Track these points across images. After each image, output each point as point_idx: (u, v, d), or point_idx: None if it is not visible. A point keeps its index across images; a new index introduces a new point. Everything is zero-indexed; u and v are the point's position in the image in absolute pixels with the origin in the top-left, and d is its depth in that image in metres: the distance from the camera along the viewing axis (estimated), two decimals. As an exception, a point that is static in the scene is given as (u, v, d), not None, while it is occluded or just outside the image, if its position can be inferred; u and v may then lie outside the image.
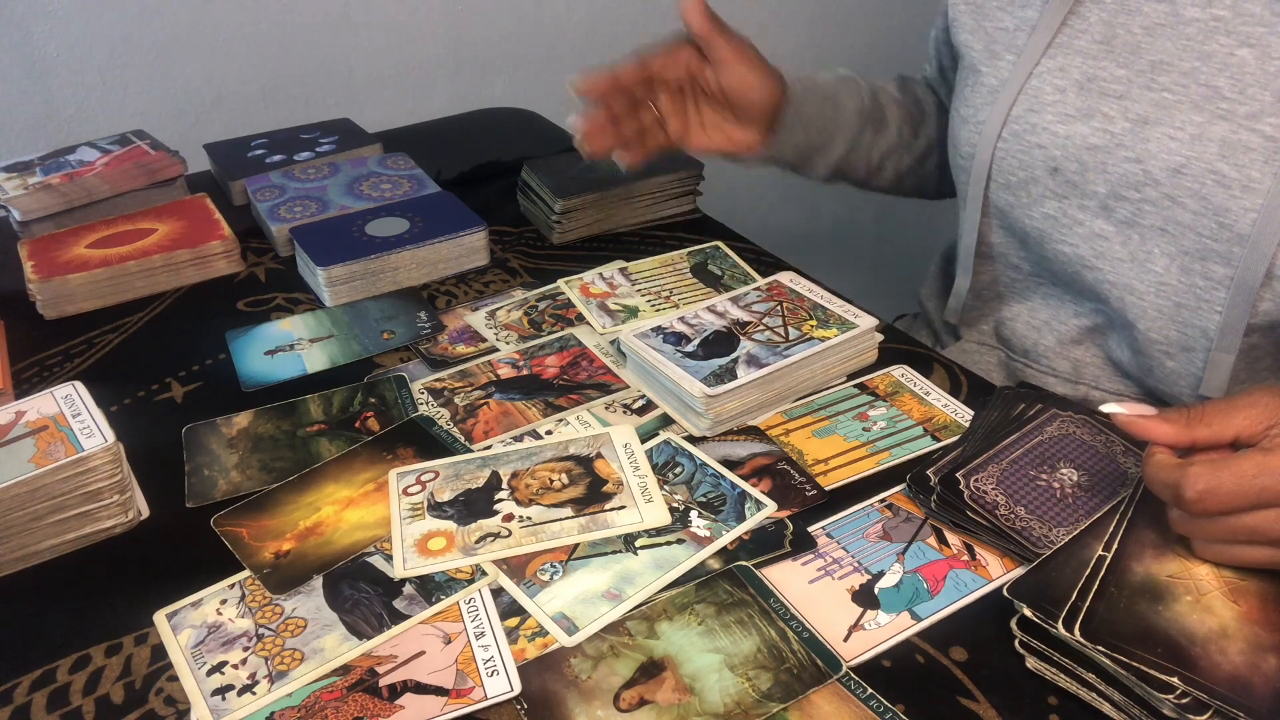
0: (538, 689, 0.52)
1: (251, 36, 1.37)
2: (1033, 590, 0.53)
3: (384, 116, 1.33)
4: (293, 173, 1.05)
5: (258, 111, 1.41)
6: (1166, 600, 0.53)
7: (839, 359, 0.75)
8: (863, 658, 0.54)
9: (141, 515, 0.65)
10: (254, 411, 0.74)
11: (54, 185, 0.96)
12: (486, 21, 1.52)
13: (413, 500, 0.64)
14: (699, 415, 0.69)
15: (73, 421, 0.64)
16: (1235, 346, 0.72)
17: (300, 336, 0.83)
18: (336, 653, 0.55)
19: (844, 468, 0.67)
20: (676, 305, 0.85)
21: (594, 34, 1.60)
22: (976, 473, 0.63)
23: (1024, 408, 0.69)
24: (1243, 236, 0.69)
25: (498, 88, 1.58)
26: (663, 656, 0.54)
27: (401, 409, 0.73)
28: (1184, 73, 0.72)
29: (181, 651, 0.55)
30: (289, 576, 0.59)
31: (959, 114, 0.85)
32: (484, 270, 0.93)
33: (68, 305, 0.87)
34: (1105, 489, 0.62)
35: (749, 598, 0.57)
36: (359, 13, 1.42)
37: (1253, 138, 0.69)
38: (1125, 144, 0.74)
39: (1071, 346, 0.83)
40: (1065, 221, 0.78)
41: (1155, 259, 0.74)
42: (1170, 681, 0.48)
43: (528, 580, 0.59)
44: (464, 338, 0.83)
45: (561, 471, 0.66)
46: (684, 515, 0.63)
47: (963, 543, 0.61)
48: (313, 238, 0.90)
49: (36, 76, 1.27)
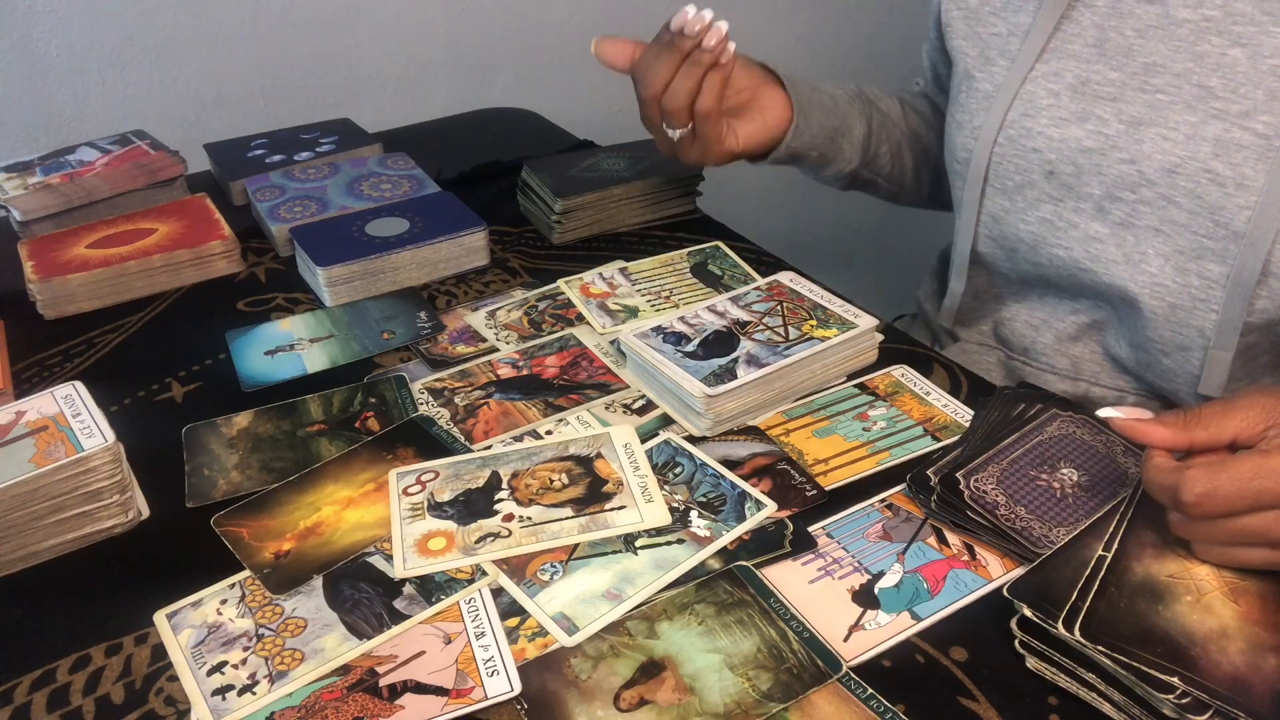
0: (538, 689, 0.52)
1: (251, 36, 1.37)
2: (1033, 590, 0.53)
3: (384, 116, 1.33)
4: (293, 173, 1.05)
5: (258, 111, 1.41)
6: (1166, 600, 0.53)
7: (839, 359, 0.75)
8: (863, 658, 0.54)
9: (141, 515, 0.65)
10: (254, 411, 0.74)
11: (54, 185, 0.96)
12: (486, 21, 1.52)
13: (413, 500, 0.64)
14: (699, 415, 0.69)
15: (73, 421, 0.64)
16: (1233, 345, 0.72)
17: (300, 336, 0.83)
18: (336, 653, 0.55)
19: (844, 468, 0.67)
20: (676, 305, 0.85)
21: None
22: (976, 473, 0.63)
23: (1024, 408, 0.69)
24: (1238, 234, 0.69)
25: (498, 88, 1.58)
26: (663, 656, 0.54)
27: (401, 409, 0.73)
28: (1176, 73, 0.72)
29: (181, 651, 0.55)
30: (289, 576, 0.59)
31: (954, 120, 0.85)
32: (484, 270, 0.93)
33: (68, 305, 0.87)
34: (1105, 489, 0.62)
35: (749, 598, 0.57)
36: (359, 13, 1.42)
37: (1246, 136, 0.69)
38: (1120, 145, 0.74)
39: (1070, 343, 0.83)
40: (1060, 225, 0.78)
41: (1150, 259, 0.74)
42: (1170, 681, 0.48)
43: (528, 580, 0.59)
44: (464, 338, 0.83)
45: (561, 471, 0.66)
46: (684, 515, 0.63)
47: (963, 543, 0.61)
48: (313, 238, 0.90)
49: (36, 76, 1.27)
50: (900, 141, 0.96)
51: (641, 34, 0.81)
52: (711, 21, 0.75)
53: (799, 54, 1.81)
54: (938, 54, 0.94)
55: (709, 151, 0.83)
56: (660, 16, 0.78)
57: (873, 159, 0.94)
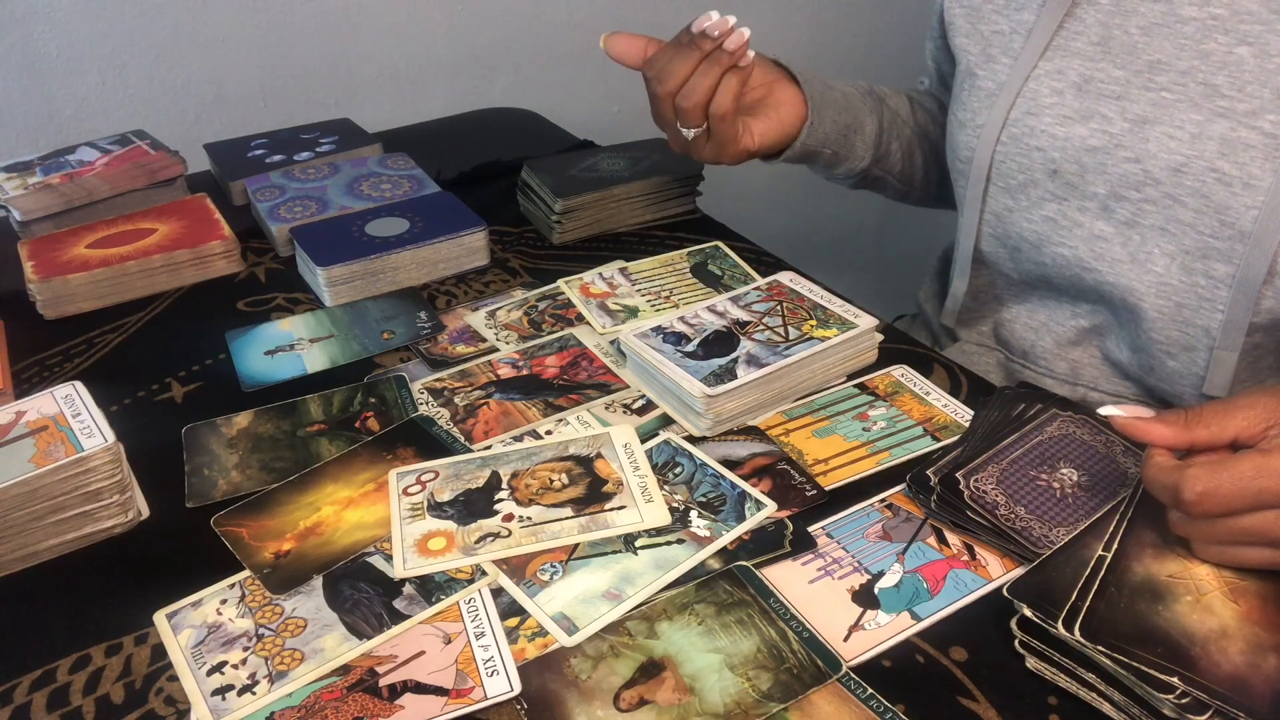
0: (538, 689, 0.52)
1: (251, 36, 1.37)
2: (1033, 590, 0.53)
3: (384, 116, 1.33)
4: (293, 173, 1.05)
5: (258, 111, 1.41)
6: (1166, 600, 0.53)
7: (839, 359, 0.75)
8: (863, 658, 0.54)
9: (141, 515, 0.65)
10: (254, 411, 0.74)
11: (54, 185, 0.96)
12: (486, 21, 1.52)
13: (413, 500, 0.64)
14: (699, 415, 0.69)
15: (73, 421, 0.64)
16: (1238, 345, 0.72)
17: (300, 336, 0.83)
18: (336, 653, 0.55)
19: (844, 468, 0.67)
20: (676, 305, 0.85)
21: (594, 34, 1.59)
22: (976, 473, 0.63)
23: (1024, 408, 0.69)
24: (1244, 234, 0.69)
25: (498, 88, 1.58)
26: (663, 656, 0.54)
27: (401, 409, 0.73)
28: (1182, 72, 0.72)
29: (181, 651, 0.55)
30: (289, 576, 0.59)
31: (956, 118, 0.85)
32: (484, 270, 0.93)
33: (68, 305, 0.87)
34: (1105, 489, 0.62)
35: (749, 598, 0.57)
36: (359, 13, 1.42)
37: (1253, 135, 0.69)
38: (1124, 144, 0.74)
39: (1069, 348, 0.83)
40: (1064, 224, 0.78)
41: (1155, 259, 0.74)
42: (1170, 681, 0.48)
43: (528, 580, 0.59)
44: (464, 338, 0.83)
45: (561, 471, 0.66)
46: (684, 515, 0.63)
47: (963, 543, 0.61)
48: (313, 238, 0.90)
49: (36, 76, 1.27)
50: (911, 139, 0.96)
51: (642, 34, 0.81)
52: (734, 26, 0.75)
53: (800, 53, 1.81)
54: (941, 52, 0.93)
55: (724, 150, 0.82)
56: (660, 16, 0.78)
57: (884, 156, 0.94)
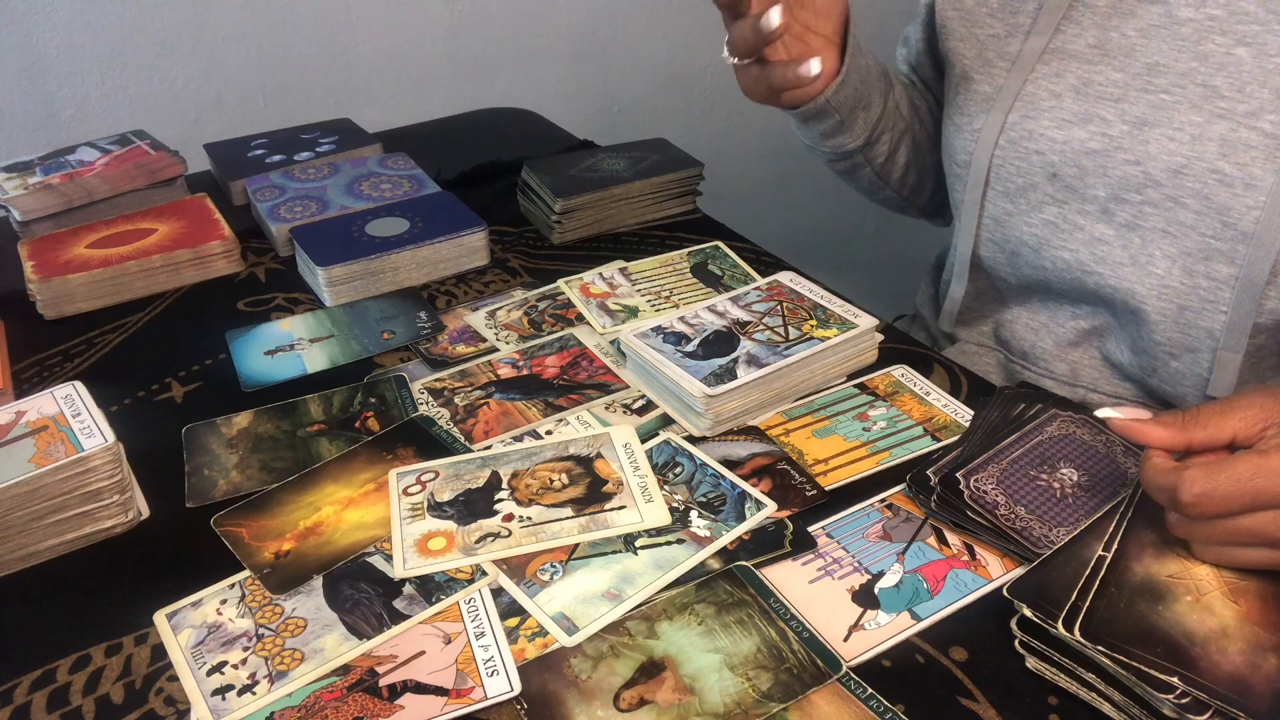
0: (538, 689, 0.52)
1: (251, 36, 1.37)
2: (1033, 590, 0.53)
3: (384, 116, 1.33)
4: (293, 173, 1.05)
5: (258, 111, 1.41)
6: (1166, 600, 0.53)
7: (839, 359, 0.75)
8: (863, 658, 0.54)
9: (141, 515, 0.65)
10: (254, 411, 0.74)
11: (54, 185, 0.96)
12: (486, 21, 1.53)
13: (413, 500, 0.64)
14: (699, 415, 0.69)
15: (73, 421, 0.64)
16: (1242, 346, 0.72)
17: (300, 336, 0.83)
18: (336, 653, 0.55)
19: (844, 468, 0.67)
20: (676, 305, 0.85)
21: (594, 34, 1.60)
22: (976, 473, 0.63)
23: (1024, 408, 0.69)
24: (1246, 235, 0.69)
25: (498, 88, 1.58)
26: (663, 656, 0.54)
27: (401, 409, 0.73)
28: (1181, 73, 0.72)
29: (181, 651, 0.55)
30: (289, 576, 0.59)
31: (953, 122, 0.85)
32: (484, 270, 0.93)
33: (68, 305, 0.87)
34: (1105, 489, 0.62)
35: (749, 598, 0.57)
36: (359, 13, 1.43)
37: (1253, 135, 0.69)
38: (1124, 147, 0.74)
39: (1069, 349, 0.83)
40: (1065, 227, 0.78)
41: (1157, 261, 0.74)
42: (1170, 681, 0.48)
43: (528, 580, 0.59)
44: (464, 338, 0.83)
45: (561, 471, 0.66)
46: (684, 515, 0.63)
47: (963, 543, 0.61)
48: (313, 238, 0.90)
49: (36, 76, 1.27)
50: (901, 136, 0.95)
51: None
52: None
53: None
54: (923, 56, 0.92)
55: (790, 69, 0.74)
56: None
57: (873, 144, 0.90)
